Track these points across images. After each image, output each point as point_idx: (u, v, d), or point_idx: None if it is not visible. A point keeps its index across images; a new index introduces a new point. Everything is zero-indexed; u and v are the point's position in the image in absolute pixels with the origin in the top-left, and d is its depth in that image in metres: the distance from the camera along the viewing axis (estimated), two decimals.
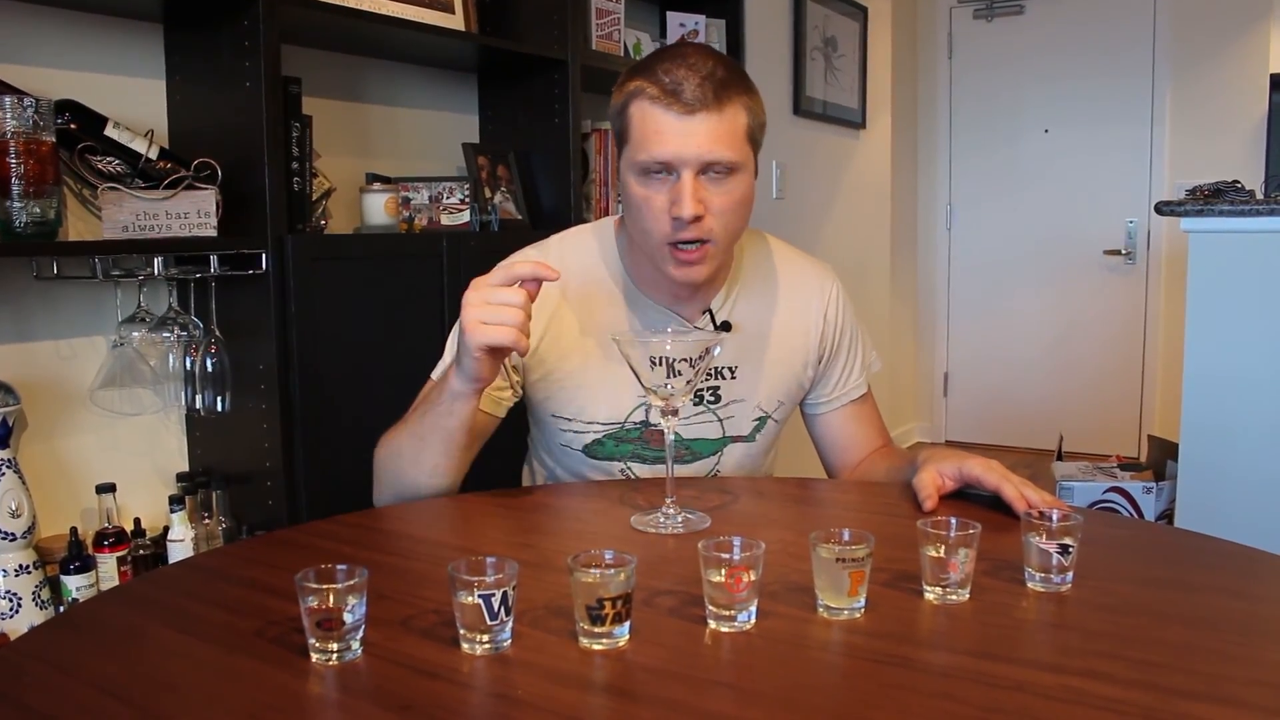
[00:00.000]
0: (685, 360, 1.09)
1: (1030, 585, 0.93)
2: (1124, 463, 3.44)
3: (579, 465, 1.40)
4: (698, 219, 1.21)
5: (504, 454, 1.59)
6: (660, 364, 1.10)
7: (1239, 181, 2.68)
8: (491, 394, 1.32)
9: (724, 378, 1.38)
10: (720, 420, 1.39)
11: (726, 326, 1.38)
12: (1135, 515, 3.16)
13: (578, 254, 1.39)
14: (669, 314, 1.36)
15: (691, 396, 1.13)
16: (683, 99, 1.19)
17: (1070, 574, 0.92)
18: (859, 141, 4.15)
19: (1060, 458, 3.78)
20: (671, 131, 1.19)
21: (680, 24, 2.87)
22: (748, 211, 1.29)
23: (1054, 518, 0.95)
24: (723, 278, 1.38)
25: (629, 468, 1.39)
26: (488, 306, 1.10)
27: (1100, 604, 0.90)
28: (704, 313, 1.38)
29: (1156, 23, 4.60)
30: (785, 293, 1.43)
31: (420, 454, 1.24)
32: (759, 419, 1.41)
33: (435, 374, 1.37)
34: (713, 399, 1.38)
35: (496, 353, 1.13)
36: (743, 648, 0.82)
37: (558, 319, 1.36)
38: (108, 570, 1.63)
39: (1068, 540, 0.92)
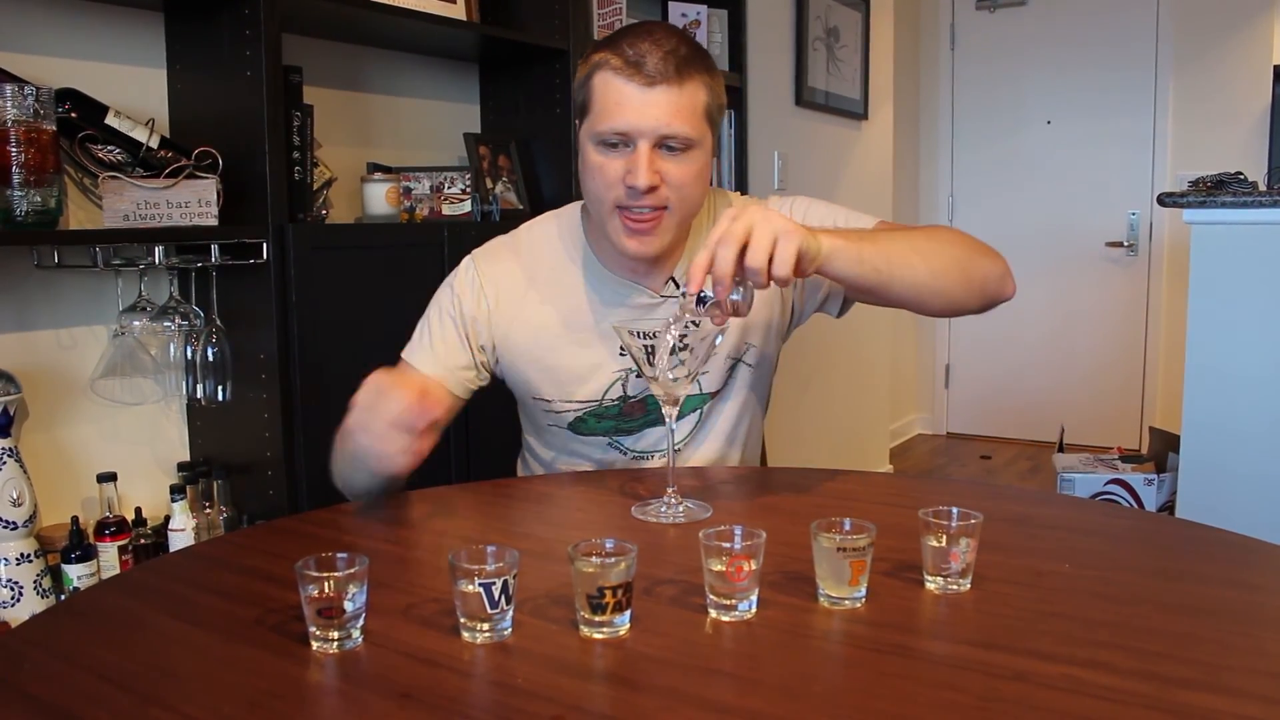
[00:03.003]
0: (684, 344, 1.09)
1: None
2: (1125, 454, 3.44)
3: (569, 442, 1.43)
4: (652, 189, 1.23)
5: (502, 446, 1.59)
6: (659, 347, 1.10)
7: (1242, 173, 2.67)
8: (457, 373, 1.36)
9: None
10: (697, 379, 1.40)
11: None
12: (1136, 507, 3.16)
13: (542, 240, 1.42)
14: (633, 286, 1.37)
15: (686, 379, 1.13)
16: (644, 71, 1.20)
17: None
18: (861, 132, 4.14)
19: (1061, 449, 3.78)
20: (631, 103, 1.21)
21: (682, 14, 2.86)
22: (704, 187, 1.31)
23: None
24: (681, 249, 1.38)
25: (617, 441, 1.41)
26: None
27: (1101, 594, 0.90)
28: (668, 281, 1.38)
29: (1159, 14, 4.59)
30: None
31: (356, 474, 1.24)
32: (730, 366, 1.42)
33: (405, 354, 1.39)
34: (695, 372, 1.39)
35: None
36: (743, 637, 0.82)
37: (526, 303, 1.38)
38: (109, 559, 1.63)
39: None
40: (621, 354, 1.34)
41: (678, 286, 1.38)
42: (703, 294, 1.05)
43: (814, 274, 1.13)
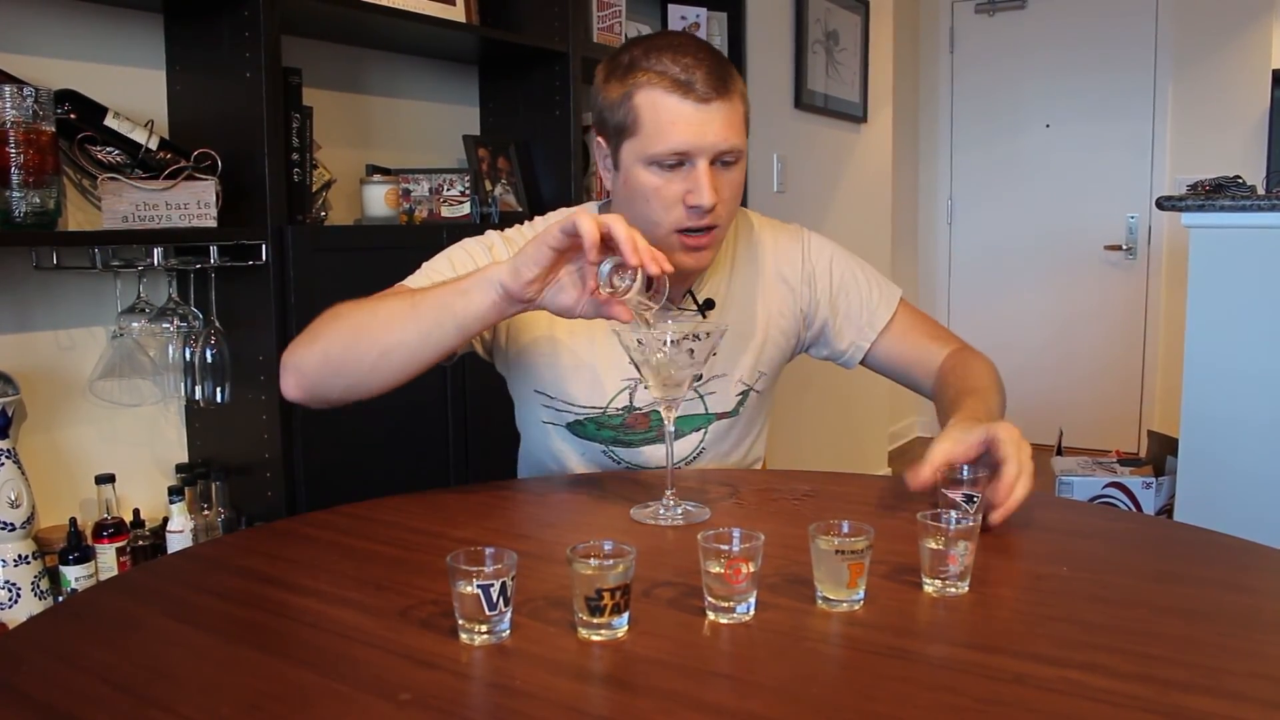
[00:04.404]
0: (683, 348, 1.09)
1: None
2: (1124, 458, 3.44)
3: (564, 441, 1.40)
4: (713, 206, 1.23)
5: (503, 447, 1.59)
6: (659, 351, 1.10)
7: (1240, 177, 2.68)
8: None
9: None
10: (702, 397, 1.39)
11: (710, 304, 1.39)
12: (1134, 510, 3.16)
13: None
14: None
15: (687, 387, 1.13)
16: (697, 90, 1.21)
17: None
18: (860, 135, 4.14)
19: (1060, 453, 3.78)
20: (688, 121, 1.21)
21: (682, 16, 2.86)
22: (741, 195, 1.33)
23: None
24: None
25: (611, 450, 1.40)
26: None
27: (1099, 597, 0.90)
28: (685, 294, 1.38)
29: (1159, 17, 4.59)
30: (764, 265, 1.44)
31: (394, 322, 1.14)
32: (741, 393, 1.42)
33: (408, 281, 1.31)
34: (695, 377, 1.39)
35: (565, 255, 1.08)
36: (741, 639, 0.82)
37: None
38: (107, 561, 1.63)
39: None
40: (630, 362, 1.33)
41: (694, 299, 1.38)
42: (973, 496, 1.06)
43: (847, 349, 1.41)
